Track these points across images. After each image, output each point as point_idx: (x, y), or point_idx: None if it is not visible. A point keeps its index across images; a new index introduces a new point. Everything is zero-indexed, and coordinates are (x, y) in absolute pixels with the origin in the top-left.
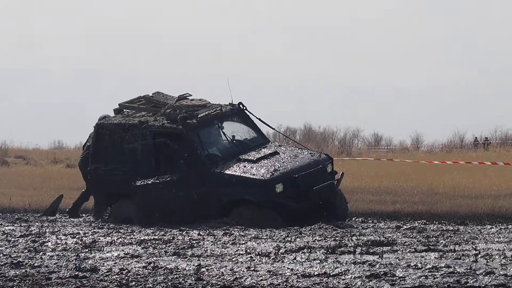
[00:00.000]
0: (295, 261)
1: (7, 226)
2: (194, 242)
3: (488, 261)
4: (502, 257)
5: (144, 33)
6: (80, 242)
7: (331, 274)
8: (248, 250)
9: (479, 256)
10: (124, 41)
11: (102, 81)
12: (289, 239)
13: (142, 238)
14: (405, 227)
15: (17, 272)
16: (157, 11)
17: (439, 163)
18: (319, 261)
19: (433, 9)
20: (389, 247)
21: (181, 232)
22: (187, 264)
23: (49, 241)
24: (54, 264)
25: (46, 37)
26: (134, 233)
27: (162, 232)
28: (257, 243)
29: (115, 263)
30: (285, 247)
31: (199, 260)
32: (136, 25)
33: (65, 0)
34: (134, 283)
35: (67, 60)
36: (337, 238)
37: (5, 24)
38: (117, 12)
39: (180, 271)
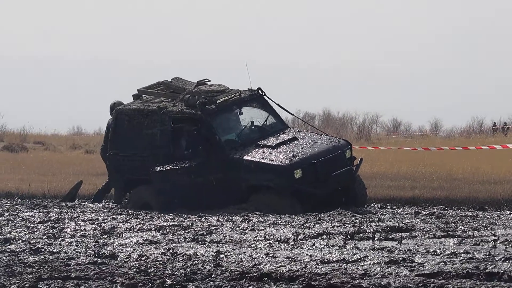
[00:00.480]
0: (313, 247)
1: (26, 212)
2: (212, 228)
3: (507, 246)
4: None
5: (162, 19)
6: (99, 228)
7: (349, 260)
8: (266, 236)
9: (498, 242)
10: (142, 28)
11: (121, 67)
12: (307, 225)
13: (161, 224)
14: (424, 213)
15: (36, 258)
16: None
17: (461, 149)
18: (338, 247)
19: None
20: (408, 233)
21: (199, 218)
22: (206, 250)
23: (68, 227)
24: (73, 250)
25: (65, 23)
26: (153, 219)
27: (181, 218)
28: (276, 229)
29: (134, 249)
30: (303, 233)
31: (217, 246)
32: (154, 13)
33: None
34: (153, 269)
35: (87, 47)
36: (355, 224)
37: (23, 13)
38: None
39: (198, 257)
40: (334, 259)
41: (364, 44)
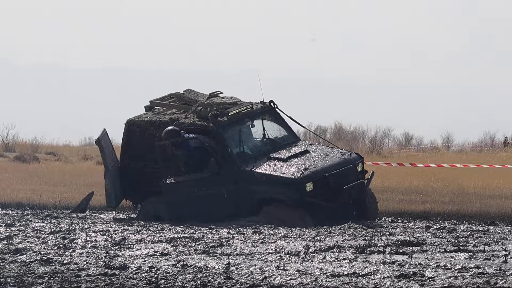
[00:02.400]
0: (324, 260)
1: (37, 222)
2: (223, 240)
3: None
4: None
5: (176, 31)
6: (110, 240)
7: (360, 273)
8: (277, 249)
9: (509, 256)
10: (155, 40)
11: (134, 78)
12: (318, 238)
13: (171, 236)
14: (435, 227)
15: (46, 269)
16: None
17: (475, 166)
18: (348, 261)
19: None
20: (419, 247)
21: (210, 230)
22: (217, 263)
23: (79, 238)
24: (84, 261)
25: (78, 34)
26: (164, 231)
27: (192, 230)
28: (287, 242)
29: (145, 261)
30: (314, 246)
31: (228, 258)
32: (166, 25)
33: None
34: (163, 281)
35: (100, 57)
36: (366, 238)
37: (36, 24)
38: (147, 13)
39: (209, 270)
40: (345, 273)
41: (377, 58)
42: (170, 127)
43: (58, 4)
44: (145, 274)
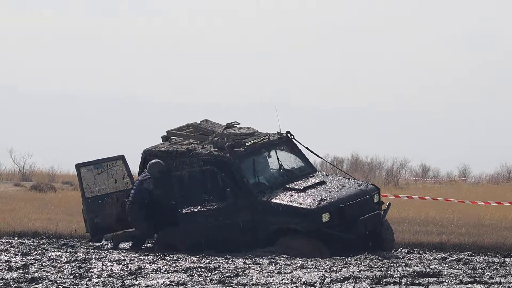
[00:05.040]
0: None
1: (53, 251)
2: (239, 270)
3: None
4: None
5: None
6: (126, 269)
7: None
8: (293, 280)
9: None
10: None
11: (151, 109)
12: (334, 268)
13: (187, 265)
14: (451, 258)
15: None
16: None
17: (495, 203)
18: None
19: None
20: (435, 279)
21: (226, 260)
22: None
23: (95, 267)
24: None
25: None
26: (180, 261)
27: (208, 260)
28: (303, 273)
29: None
30: (330, 277)
31: None
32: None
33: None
34: None
35: (117, 87)
36: (382, 269)
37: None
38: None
39: None
40: None
41: (394, 88)
42: (154, 160)
43: (68, 29)
44: None
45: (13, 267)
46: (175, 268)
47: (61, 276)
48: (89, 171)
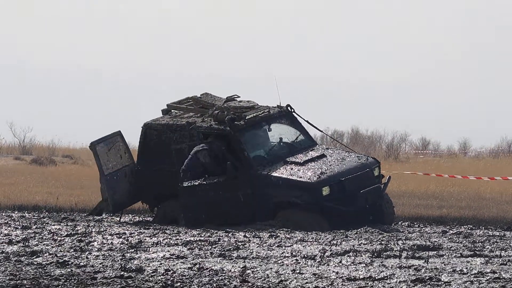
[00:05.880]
0: (340, 264)
1: (53, 225)
2: (239, 244)
3: None
4: None
5: (192, 34)
6: (126, 242)
7: (376, 278)
8: (293, 253)
9: None
10: (172, 44)
11: (151, 81)
12: (334, 242)
13: (188, 239)
14: (451, 232)
15: (62, 271)
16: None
17: (501, 179)
18: (364, 265)
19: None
20: (435, 252)
21: (227, 234)
22: (233, 266)
23: (95, 240)
24: (100, 264)
25: (94, 36)
26: (180, 234)
27: (208, 234)
28: (303, 246)
29: (161, 263)
30: (330, 250)
31: (244, 262)
32: (184, 27)
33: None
34: (179, 284)
35: (117, 59)
36: (383, 242)
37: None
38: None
39: (225, 273)
40: (361, 277)
41: (394, 62)
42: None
43: (72, 5)
44: (161, 277)
45: (13, 240)
46: (176, 242)
47: (62, 250)
48: (102, 148)
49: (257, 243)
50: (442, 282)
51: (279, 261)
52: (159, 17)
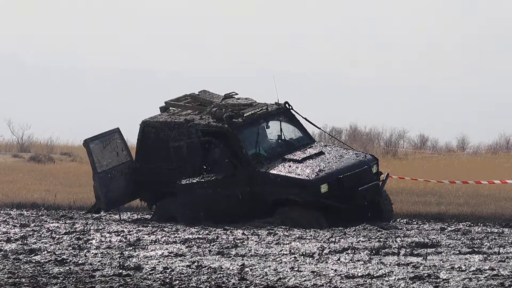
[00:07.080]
0: (339, 261)
1: (51, 223)
2: (238, 241)
3: None
4: None
5: (190, 31)
6: (125, 240)
7: (374, 275)
8: (292, 250)
9: None
10: (170, 42)
11: (149, 79)
12: (333, 239)
13: (186, 237)
14: (449, 229)
15: (61, 269)
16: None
17: (500, 183)
18: (363, 262)
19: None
20: (433, 249)
21: (225, 232)
22: (231, 264)
23: (94, 238)
24: (98, 261)
25: (93, 34)
26: (179, 232)
27: (206, 231)
28: (301, 243)
29: (159, 261)
30: (329, 248)
31: (243, 259)
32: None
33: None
34: (177, 282)
35: (116, 57)
36: (381, 239)
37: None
38: (164, 13)
39: (223, 271)
40: (359, 274)
41: (393, 59)
42: None
43: (71, 3)
44: (160, 274)
45: (11, 238)
46: (174, 239)
47: (60, 248)
48: (96, 145)
49: (255, 241)
50: (441, 279)
51: (278, 259)
52: (159, 16)
